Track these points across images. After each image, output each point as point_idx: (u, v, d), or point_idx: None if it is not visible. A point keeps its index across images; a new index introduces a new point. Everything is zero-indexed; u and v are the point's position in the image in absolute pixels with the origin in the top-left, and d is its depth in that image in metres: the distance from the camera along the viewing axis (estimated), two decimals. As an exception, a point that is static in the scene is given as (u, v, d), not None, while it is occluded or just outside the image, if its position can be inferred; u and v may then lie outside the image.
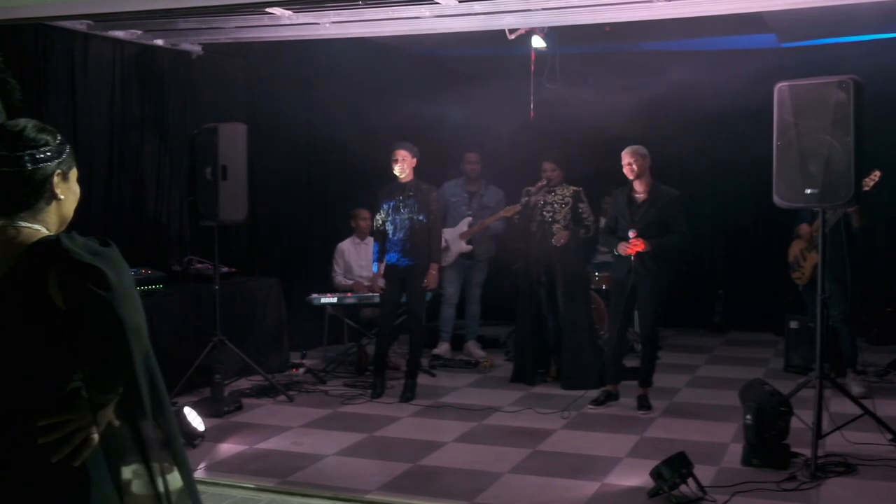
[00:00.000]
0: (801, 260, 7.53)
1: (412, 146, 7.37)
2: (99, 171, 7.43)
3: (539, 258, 7.73)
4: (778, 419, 5.46)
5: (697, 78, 9.34)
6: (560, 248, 7.63)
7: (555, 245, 7.62)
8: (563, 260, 7.66)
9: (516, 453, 5.88)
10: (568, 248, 7.68)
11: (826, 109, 5.39)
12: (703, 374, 8.35)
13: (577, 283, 7.79)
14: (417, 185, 7.41)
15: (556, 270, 7.69)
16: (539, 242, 7.71)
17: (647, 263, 6.77)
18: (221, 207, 7.03)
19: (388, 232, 7.44)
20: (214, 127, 7.05)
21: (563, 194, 7.68)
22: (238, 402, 7.07)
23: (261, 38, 7.49)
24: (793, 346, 8.24)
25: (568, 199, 7.66)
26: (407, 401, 7.28)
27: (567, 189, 7.70)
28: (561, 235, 7.62)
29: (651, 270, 6.78)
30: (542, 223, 7.71)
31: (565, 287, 7.66)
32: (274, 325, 8.36)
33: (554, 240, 7.62)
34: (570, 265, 7.71)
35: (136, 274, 7.39)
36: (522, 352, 7.91)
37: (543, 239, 7.69)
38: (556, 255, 7.65)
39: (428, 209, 7.38)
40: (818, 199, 5.50)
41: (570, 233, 7.65)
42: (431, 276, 7.42)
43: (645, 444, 6.11)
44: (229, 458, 5.87)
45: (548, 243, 7.66)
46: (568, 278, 7.67)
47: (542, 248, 7.70)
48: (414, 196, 7.36)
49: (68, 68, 7.09)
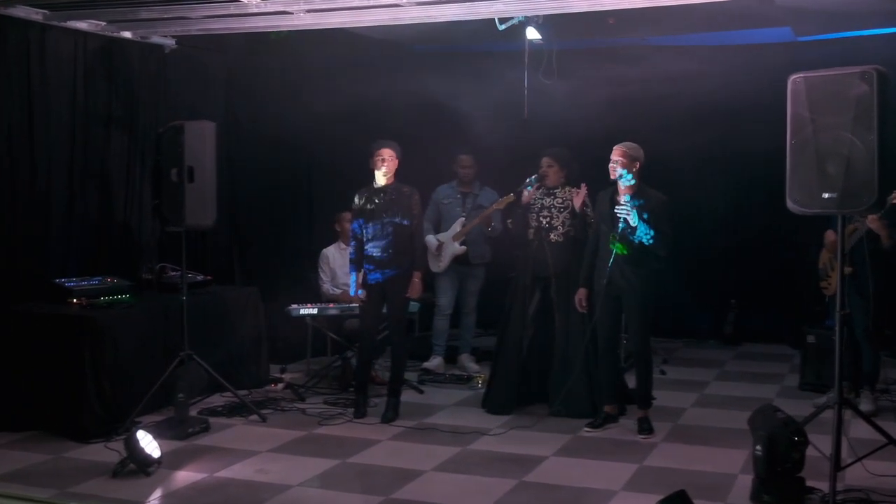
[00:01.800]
0: (829, 269, 6.98)
1: (396, 145, 6.83)
2: (59, 171, 6.95)
3: (535, 269, 6.96)
4: (791, 451, 4.87)
5: (708, 74, 8.87)
6: (558, 257, 6.86)
7: (553, 253, 6.86)
8: (560, 270, 6.87)
9: (500, 485, 5.31)
10: (566, 255, 6.86)
11: (846, 103, 4.79)
12: (713, 391, 7.77)
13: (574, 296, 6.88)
14: (398, 187, 6.86)
15: (551, 284, 6.92)
16: (535, 252, 6.95)
17: (625, 272, 6.22)
18: (188, 211, 6.50)
19: (365, 238, 6.87)
20: (181, 125, 6.53)
21: (563, 197, 6.93)
22: (205, 422, 6.54)
23: (232, 28, 7.00)
24: (809, 362, 7.67)
25: (568, 203, 6.89)
26: (389, 421, 6.73)
27: (568, 192, 6.93)
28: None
29: (630, 280, 6.24)
30: (539, 230, 6.95)
31: (564, 302, 6.83)
32: (251, 338, 7.81)
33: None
34: (567, 276, 6.85)
35: (99, 283, 6.91)
36: (497, 374, 7.09)
37: (540, 248, 6.93)
38: (553, 266, 6.87)
39: (411, 213, 6.83)
40: (837, 205, 4.89)
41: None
42: (415, 284, 6.86)
43: (644, 474, 5.53)
44: (183, 488, 5.32)
45: (544, 253, 6.91)
46: (565, 292, 6.85)
47: (539, 260, 6.93)
48: (396, 199, 6.80)
49: (23, 60, 6.60)
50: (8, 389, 6.33)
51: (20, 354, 6.35)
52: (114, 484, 5.33)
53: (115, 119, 7.38)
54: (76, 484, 5.32)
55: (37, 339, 6.35)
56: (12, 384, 6.33)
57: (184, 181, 6.46)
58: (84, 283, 6.84)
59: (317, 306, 7.72)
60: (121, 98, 7.41)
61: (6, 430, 6.25)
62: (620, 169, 6.19)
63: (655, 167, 6.61)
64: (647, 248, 6.18)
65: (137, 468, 5.45)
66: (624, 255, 6.19)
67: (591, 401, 6.70)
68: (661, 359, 8.73)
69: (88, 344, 6.26)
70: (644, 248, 6.19)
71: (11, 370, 6.34)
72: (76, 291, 6.70)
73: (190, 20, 6.86)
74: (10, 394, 6.32)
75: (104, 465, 5.60)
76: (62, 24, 6.76)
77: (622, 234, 6.17)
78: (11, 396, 6.32)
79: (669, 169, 9.49)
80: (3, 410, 6.31)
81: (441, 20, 6.48)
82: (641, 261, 6.24)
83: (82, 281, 6.87)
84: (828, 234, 7.05)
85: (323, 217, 8.80)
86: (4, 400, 6.32)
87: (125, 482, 5.35)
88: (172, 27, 7.03)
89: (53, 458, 5.83)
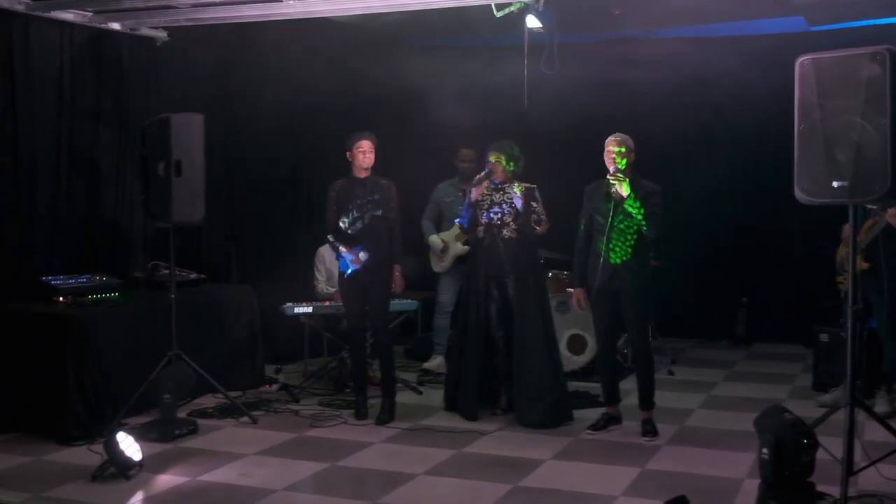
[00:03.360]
0: (846, 264, 6.72)
1: (374, 137, 6.64)
2: (45, 167, 6.74)
3: (489, 268, 6.61)
4: (800, 454, 4.60)
5: (718, 65, 8.61)
6: (513, 254, 6.52)
7: (507, 250, 6.52)
8: (516, 267, 6.54)
9: (494, 490, 5.07)
10: (522, 252, 6.55)
11: (857, 86, 4.52)
12: (721, 392, 7.50)
13: (533, 295, 6.55)
14: (375, 180, 6.65)
15: (508, 282, 6.58)
16: (487, 249, 6.63)
17: (630, 266, 5.98)
18: (175, 207, 6.29)
19: (345, 229, 6.65)
20: (167, 117, 6.32)
21: (512, 193, 6.56)
22: (193, 424, 6.32)
23: (221, 18, 6.79)
24: (822, 362, 7.41)
25: (531, 205, 6.53)
26: (384, 423, 6.51)
27: (517, 186, 6.55)
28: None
29: (636, 274, 5.99)
30: (490, 226, 6.59)
31: (519, 300, 6.52)
32: (245, 338, 7.59)
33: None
34: (524, 273, 6.55)
35: (87, 281, 6.72)
36: (461, 379, 6.72)
37: (493, 246, 6.61)
38: (508, 263, 6.54)
39: (388, 205, 6.61)
40: (847, 194, 4.63)
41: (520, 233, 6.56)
42: (397, 278, 6.67)
43: (646, 478, 5.28)
44: (163, 492, 5.10)
45: (498, 250, 6.57)
46: (522, 290, 6.52)
47: (492, 257, 6.57)
48: (373, 191, 6.59)
49: (5, 52, 6.38)
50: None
51: (3, 354, 6.14)
52: (92, 488, 5.12)
53: (104, 113, 7.17)
54: (53, 488, 5.11)
55: (19, 339, 6.15)
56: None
57: (171, 175, 6.26)
58: (71, 282, 6.64)
59: (312, 305, 7.51)
60: (110, 92, 7.21)
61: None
62: (619, 159, 5.94)
63: (662, 162, 6.39)
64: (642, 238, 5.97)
65: (117, 472, 5.24)
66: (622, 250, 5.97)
67: (558, 406, 6.41)
68: (670, 359, 8.47)
69: (71, 343, 6.05)
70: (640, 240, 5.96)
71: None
72: (62, 290, 6.50)
73: (179, 9, 6.67)
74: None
75: (85, 468, 5.39)
76: (46, 15, 6.56)
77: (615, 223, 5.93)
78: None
79: (677, 164, 9.30)
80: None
81: (437, 7, 6.24)
82: (639, 254, 6.00)
83: (69, 279, 6.67)
84: (845, 228, 6.79)
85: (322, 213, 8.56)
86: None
87: (104, 486, 5.14)
88: (160, 17, 6.82)
89: (33, 460, 5.62)
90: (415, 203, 8.19)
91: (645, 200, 5.90)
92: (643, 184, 6.01)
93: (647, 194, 5.95)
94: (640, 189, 5.94)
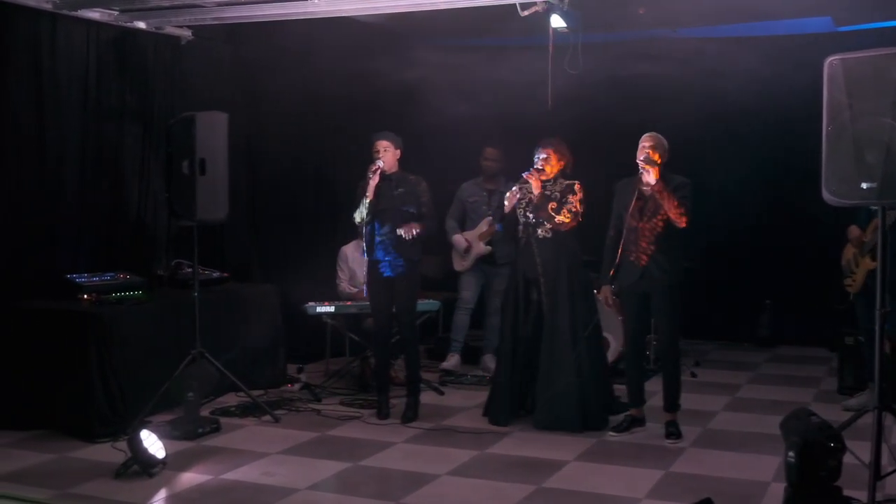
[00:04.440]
0: (854, 265, 6.65)
1: (395, 136, 6.64)
2: (71, 165, 6.79)
3: (525, 271, 6.45)
4: (827, 458, 4.54)
5: (742, 65, 8.54)
6: (546, 255, 6.35)
7: (540, 251, 6.36)
8: (548, 269, 6.35)
9: (517, 491, 5.05)
10: (556, 253, 6.36)
11: (887, 87, 4.48)
12: (745, 395, 7.44)
13: (565, 297, 6.32)
14: (404, 176, 6.64)
15: (541, 284, 6.38)
16: (523, 251, 6.47)
17: (661, 264, 5.92)
18: (199, 205, 6.32)
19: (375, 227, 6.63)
20: (192, 116, 6.35)
21: (552, 190, 6.40)
22: (216, 422, 6.33)
23: (246, 17, 6.81)
24: (848, 365, 7.33)
25: (556, 195, 6.37)
26: (408, 421, 6.51)
27: (560, 184, 6.40)
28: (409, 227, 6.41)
29: (667, 273, 5.93)
30: (526, 226, 6.45)
31: (549, 303, 6.34)
32: (268, 337, 7.59)
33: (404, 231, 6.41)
34: (557, 275, 6.33)
35: (111, 279, 6.75)
36: (494, 384, 6.66)
37: (528, 246, 6.48)
38: (540, 266, 6.37)
39: (418, 200, 6.60)
40: (877, 195, 4.58)
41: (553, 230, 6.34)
42: (411, 225, 6.49)
43: (670, 480, 5.25)
44: (186, 490, 5.11)
45: (532, 251, 6.42)
46: (553, 292, 6.33)
47: (527, 259, 6.42)
48: (401, 187, 6.59)
49: (32, 51, 6.43)
50: (16, 387, 6.16)
51: (28, 351, 6.18)
52: (115, 485, 5.14)
53: (129, 111, 7.20)
54: (77, 485, 5.14)
55: (45, 336, 6.18)
56: (20, 381, 6.16)
57: (195, 174, 6.27)
58: (95, 279, 6.68)
59: (334, 304, 7.51)
60: (135, 90, 7.24)
61: (13, 429, 6.09)
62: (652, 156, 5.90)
63: (685, 162, 6.33)
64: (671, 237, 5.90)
65: (141, 469, 5.26)
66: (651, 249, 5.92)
67: (580, 410, 6.26)
68: (693, 361, 8.41)
69: (95, 341, 6.08)
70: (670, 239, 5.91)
71: (19, 367, 6.18)
72: (86, 287, 6.54)
73: (204, 8, 6.69)
74: (17, 391, 6.16)
75: (108, 465, 5.41)
76: (73, 14, 6.59)
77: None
78: (19, 394, 6.16)
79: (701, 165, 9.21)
80: (10, 408, 6.15)
81: (460, 6, 6.23)
82: (669, 253, 5.95)
83: (94, 277, 6.70)
84: (851, 229, 6.73)
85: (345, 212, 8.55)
86: (12, 397, 6.16)
87: (127, 484, 5.16)
88: (185, 16, 6.85)
89: (57, 457, 5.65)
90: (436, 202, 8.15)
91: (674, 192, 5.85)
92: (673, 177, 5.96)
93: (676, 187, 5.89)
94: (669, 182, 5.89)
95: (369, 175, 6.52)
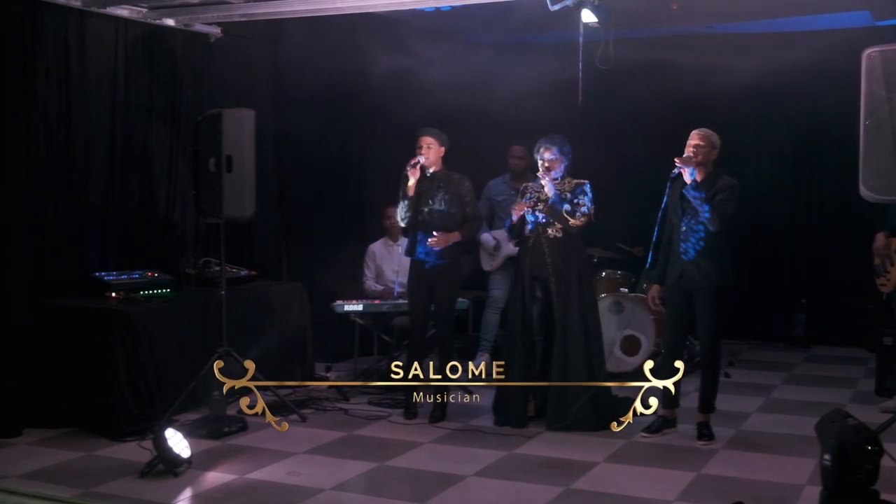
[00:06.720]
0: (889, 264, 6.50)
1: (439, 133, 6.53)
2: (99, 163, 6.77)
3: (533, 270, 6.37)
4: (864, 461, 4.42)
5: (778, 61, 8.40)
6: (557, 255, 6.27)
7: (551, 250, 6.29)
8: (558, 268, 6.28)
9: (545, 492, 4.97)
10: (566, 252, 6.29)
11: (927, 80, 4.36)
12: (780, 396, 7.30)
13: (576, 297, 6.28)
14: (447, 175, 6.55)
15: (550, 284, 6.30)
16: (532, 250, 6.39)
17: (702, 266, 5.80)
18: (226, 202, 6.29)
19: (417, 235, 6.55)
20: (219, 113, 6.33)
21: (561, 189, 6.30)
22: (242, 421, 6.29)
23: (274, 13, 6.77)
24: (886, 365, 7.17)
25: (566, 195, 6.29)
26: (436, 421, 6.44)
27: (568, 183, 6.33)
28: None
29: (708, 275, 5.80)
30: (536, 225, 6.37)
31: (561, 302, 6.27)
32: (296, 335, 7.57)
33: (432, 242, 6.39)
34: (567, 275, 6.28)
35: (140, 277, 6.74)
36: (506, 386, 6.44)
37: (537, 245, 6.41)
38: (551, 265, 6.28)
39: (461, 201, 6.51)
40: (917, 191, 4.46)
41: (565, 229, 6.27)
42: (447, 236, 6.45)
43: (701, 483, 5.14)
44: (211, 490, 5.08)
45: (541, 250, 6.35)
46: (564, 292, 6.27)
47: (536, 258, 6.34)
48: (444, 188, 6.50)
49: (61, 48, 6.41)
50: (43, 384, 6.16)
51: (56, 348, 6.19)
52: (140, 484, 5.11)
53: (158, 109, 7.19)
54: (102, 483, 5.12)
55: (72, 334, 6.19)
56: (48, 379, 6.16)
57: (222, 171, 6.25)
58: (124, 277, 6.67)
59: (362, 302, 7.46)
60: (164, 88, 7.22)
61: (42, 427, 6.10)
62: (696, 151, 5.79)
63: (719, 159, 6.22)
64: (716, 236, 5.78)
65: (166, 468, 5.23)
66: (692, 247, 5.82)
67: (595, 410, 6.18)
68: (727, 361, 8.24)
69: (122, 339, 6.08)
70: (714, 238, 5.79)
71: (47, 365, 6.18)
72: (115, 285, 6.54)
73: (232, 5, 6.68)
74: (45, 389, 6.16)
75: (134, 464, 5.39)
76: (102, 11, 6.58)
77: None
78: (47, 392, 6.17)
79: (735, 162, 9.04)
80: (38, 406, 6.15)
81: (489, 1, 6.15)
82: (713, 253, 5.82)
83: (122, 275, 6.70)
84: (878, 237, 6.61)
85: (375, 209, 8.52)
86: (40, 395, 6.16)
87: (152, 483, 5.13)
88: (214, 13, 6.83)
89: (83, 455, 5.64)
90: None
91: (715, 193, 5.74)
92: (721, 176, 5.85)
93: (719, 188, 5.77)
94: (714, 180, 5.78)
95: (407, 170, 6.44)
